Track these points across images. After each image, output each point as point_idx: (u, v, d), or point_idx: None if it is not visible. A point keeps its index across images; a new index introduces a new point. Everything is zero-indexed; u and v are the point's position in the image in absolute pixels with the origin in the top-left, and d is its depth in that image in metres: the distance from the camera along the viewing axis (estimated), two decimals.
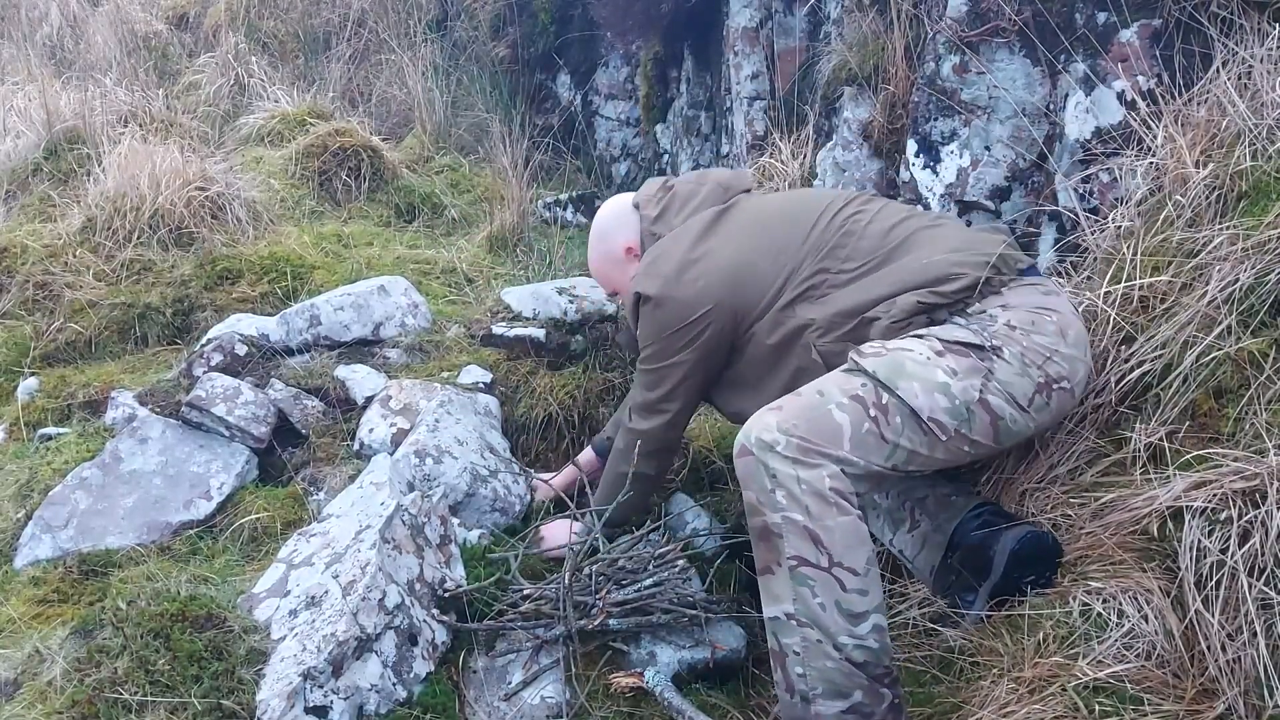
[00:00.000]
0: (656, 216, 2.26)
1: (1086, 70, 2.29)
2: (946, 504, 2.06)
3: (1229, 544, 1.61)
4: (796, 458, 1.73)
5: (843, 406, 1.78)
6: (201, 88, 5.35)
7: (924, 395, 1.77)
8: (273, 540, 2.31)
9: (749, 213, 2.19)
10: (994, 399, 1.80)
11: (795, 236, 2.08)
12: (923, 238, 2.00)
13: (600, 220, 2.39)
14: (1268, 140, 1.97)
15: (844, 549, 1.70)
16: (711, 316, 2.07)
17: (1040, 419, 1.87)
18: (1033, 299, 1.90)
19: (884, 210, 2.09)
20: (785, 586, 1.72)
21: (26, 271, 3.27)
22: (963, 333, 1.84)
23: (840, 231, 2.05)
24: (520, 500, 2.49)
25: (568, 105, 5.24)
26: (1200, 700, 1.57)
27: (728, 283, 2.08)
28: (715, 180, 2.29)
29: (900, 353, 1.82)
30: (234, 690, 1.78)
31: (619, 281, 2.36)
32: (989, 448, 1.86)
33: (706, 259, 2.11)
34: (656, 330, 2.13)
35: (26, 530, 2.35)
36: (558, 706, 1.95)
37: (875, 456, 1.77)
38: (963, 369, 1.80)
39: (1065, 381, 1.86)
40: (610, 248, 2.35)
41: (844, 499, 1.73)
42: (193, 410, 2.56)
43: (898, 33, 2.74)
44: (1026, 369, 1.82)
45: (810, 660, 1.71)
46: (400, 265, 3.49)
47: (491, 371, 2.79)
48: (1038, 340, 1.84)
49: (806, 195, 2.32)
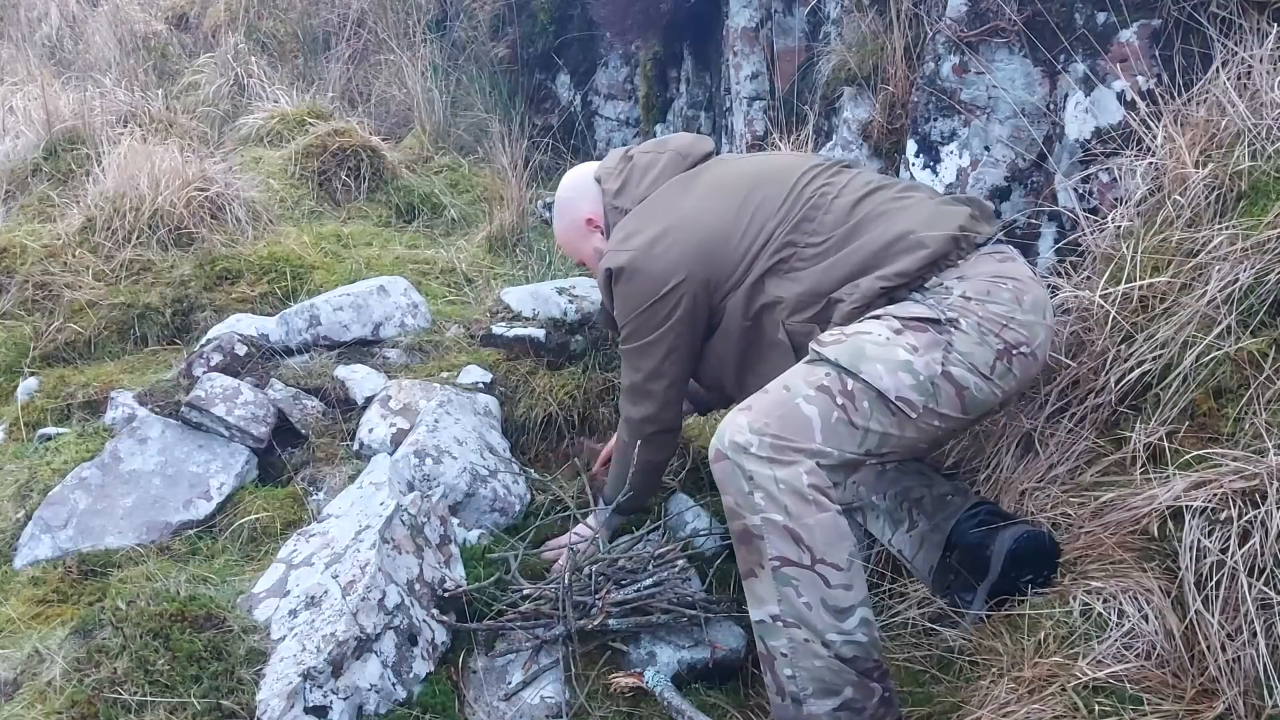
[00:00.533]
0: (618, 190, 2.25)
1: (1086, 70, 2.29)
2: (944, 504, 2.06)
3: (1229, 544, 1.61)
4: (771, 457, 1.73)
5: (810, 399, 1.78)
6: (201, 88, 5.35)
7: (888, 375, 1.77)
8: (272, 540, 2.31)
9: (717, 178, 2.17)
10: (956, 370, 1.80)
11: (769, 204, 2.05)
12: (885, 214, 1.98)
13: (562, 191, 2.38)
14: (1267, 140, 1.97)
15: (825, 545, 1.71)
16: (685, 288, 2.05)
17: (1005, 385, 1.86)
18: (988, 267, 1.90)
19: (852, 182, 2.06)
20: (769, 588, 1.72)
21: (26, 271, 3.27)
22: (919, 308, 1.84)
23: (808, 204, 2.03)
24: (520, 500, 2.49)
25: (567, 105, 5.24)
26: (1200, 700, 1.57)
27: (699, 251, 2.05)
28: (674, 148, 2.27)
29: (859, 336, 1.82)
30: (234, 690, 1.78)
31: (584, 251, 2.37)
32: (958, 419, 1.85)
33: (676, 229, 2.08)
34: (631, 306, 2.10)
35: (26, 530, 2.35)
36: (557, 706, 1.95)
37: (848, 444, 1.77)
38: (922, 344, 1.80)
39: (1024, 346, 1.85)
40: (572, 218, 2.34)
41: (822, 494, 1.73)
42: (192, 410, 2.56)
43: (897, 33, 2.74)
44: (985, 337, 1.82)
45: (799, 661, 1.71)
46: (400, 265, 3.49)
47: (491, 371, 2.79)
48: (993, 309, 1.84)
49: (775, 161, 2.28)
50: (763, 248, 2.03)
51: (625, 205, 2.22)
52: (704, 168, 2.22)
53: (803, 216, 2.02)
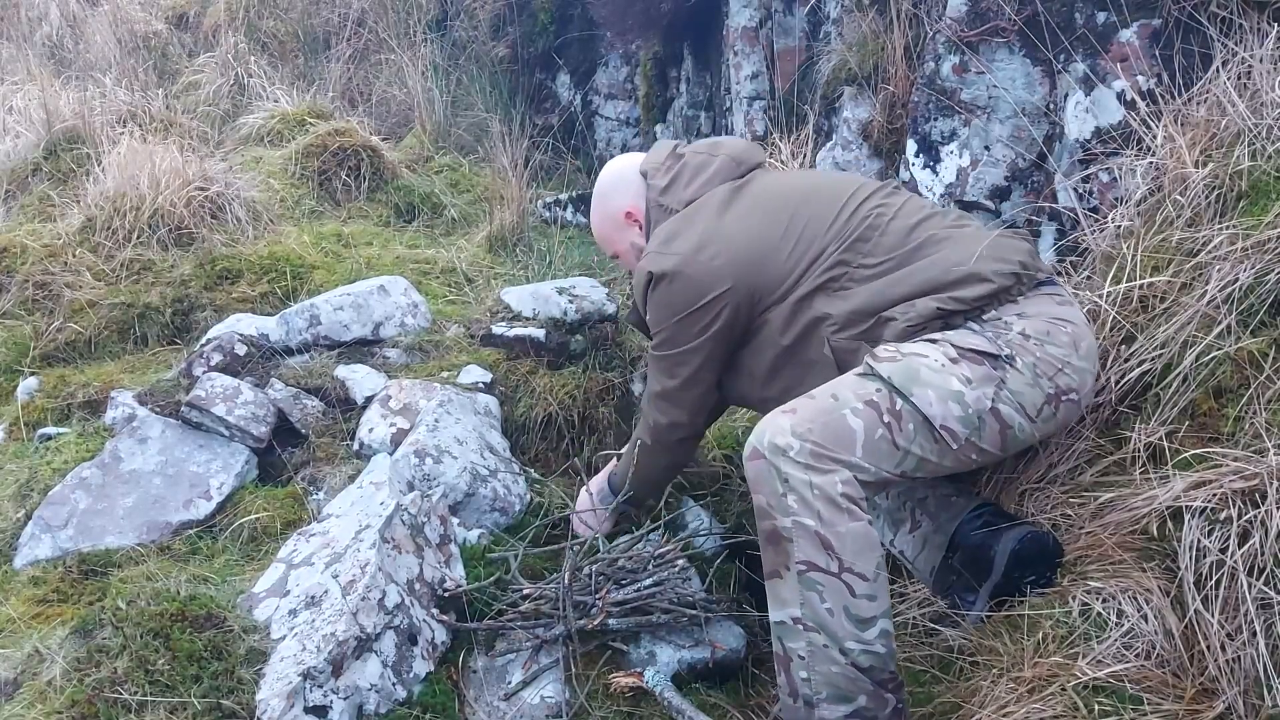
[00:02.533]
0: (665, 187, 2.18)
1: (1086, 70, 2.29)
2: (947, 504, 2.06)
3: (1229, 544, 1.61)
4: (809, 463, 1.72)
5: (857, 412, 1.76)
6: (201, 87, 5.35)
7: (938, 403, 1.76)
8: (272, 540, 2.31)
9: (769, 190, 2.12)
10: (1005, 408, 1.79)
11: (819, 221, 2.01)
12: (946, 239, 1.95)
13: (603, 180, 2.33)
14: (1267, 140, 1.97)
15: (854, 554, 1.70)
16: (728, 298, 2.00)
17: (1046, 429, 1.86)
18: (1048, 309, 1.88)
19: (907, 205, 2.03)
20: (793, 591, 1.71)
21: (26, 271, 3.27)
22: (977, 340, 1.82)
23: (864, 224, 1.98)
24: (520, 500, 2.49)
25: (567, 105, 5.24)
26: (1200, 700, 1.57)
27: (747, 262, 2.00)
28: (727, 153, 2.21)
29: (915, 358, 1.80)
30: (234, 690, 1.78)
31: (617, 243, 2.31)
32: (995, 456, 1.85)
33: (724, 237, 2.03)
34: (669, 313, 2.05)
35: (26, 530, 2.34)
36: (557, 706, 1.95)
37: (886, 463, 1.76)
38: (976, 377, 1.78)
39: (1074, 393, 1.85)
40: (610, 209, 2.29)
41: (855, 504, 1.72)
42: (192, 410, 2.56)
43: (897, 32, 2.74)
44: (1038, 379, 1.81)
45: (815, 665, 1.70)
46: (400, 265, 3.49)
47: (491, 371, 2.79)
48: (1051, 351, 1.82)
49: (830, 179, 2.25)
50: (811, 264, 1.98)
51: (671, 205, 2.16)
52: (753, 177, 2.17)
53: (858, 236, 1.97)
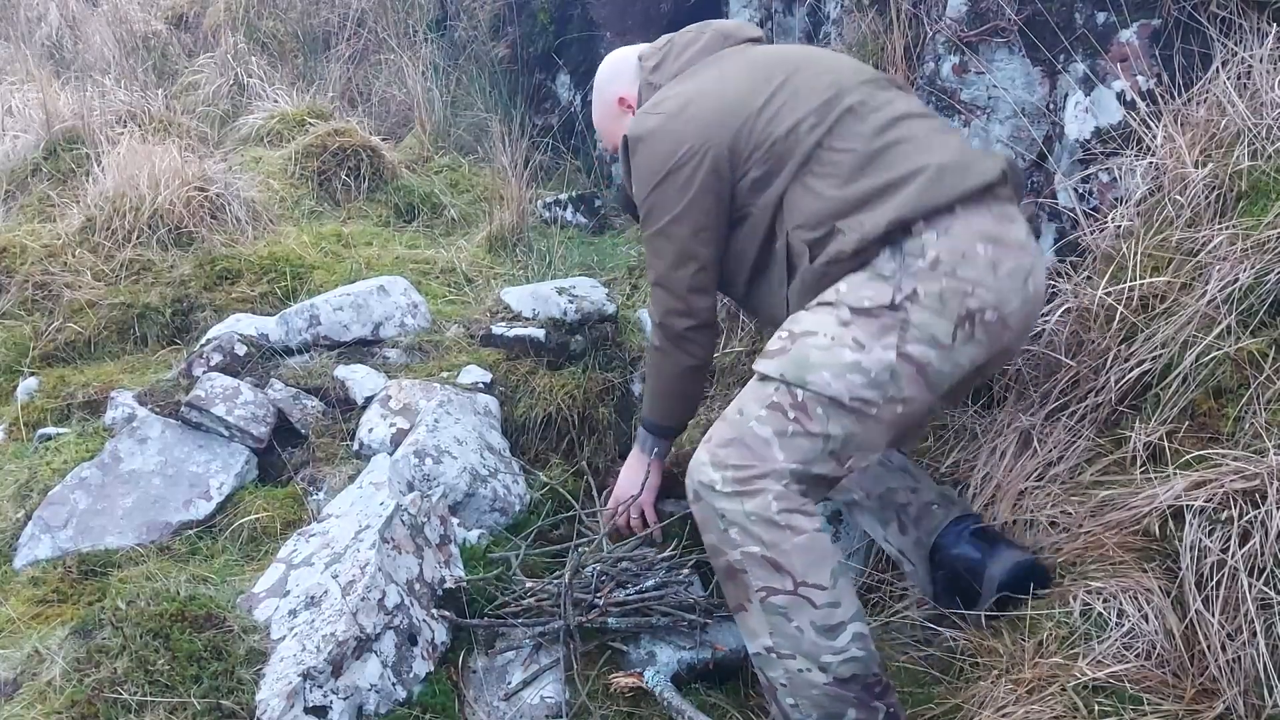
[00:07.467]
0: (655, 66, 2.13)
1: (1086, 70, 2.29)
2: (928, 513, 2.05)
3: (1229, 544, 1.62)
4: (736, 490, 1.71)
5: (762, 419, 1.75)
6: (200, 88, 5.34)
7: (836, 380, 1.73)
8: (272, 540, 2.31)
9: (756, 56, 2.05)
10: (914, 347, 1.73)
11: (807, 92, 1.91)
12: (917, 141, 1.85)
13: (602, 70, 2.29)
14: (1267, 140, 1.97)
15: (805, 567, 1.69)
16: (701, 151, 1.90)
17: (970, 352, 1.77)
18: (982, 225, 1.78)
19: (892, 104, 1.92)
20: (760, 621, 1.72)
21: (26, 271, 3.26)
22: (874, 289, 1.75)
23: (847, 110, 1.88)
24: (520, 500, 2.49)
25: (567, 105, 5.24)
26: (1200, 700, 1.57)
27: (726, 115, 1.91)
28: (716, 28, 2.15)
29: (803, 341, 1.76)
30: (234, 690, 1.78)
31: (616, 136, 2.19)
32: (926, 398, 1.78)
33: (707, 94, 1.96)
34: (647, 177, 1.97)
35: (26, 530, 2.34)
36: (557, 706, 1.95)
37: (811, 455, 1.74)
38: (870, 335, 1.73)
39: (990, 311, 1.75)
40: (606, 97, 2.26)
41: (796, 514, 1.71)
42: (192, 410, 2.56)
43: (897, 33, 2.74)
44: (945, 305, 1.74)
45: (798, 691, 1.71)
46: (400, 265, 3.49)
47: (491, 371, 2.79)
48: (964, 273, 1.74)
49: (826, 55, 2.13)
50: (789, 132, 1.88)
51: (659, 81, 2.10)
52: (745, 47, 2.10)
53: (838, 120, 1.87)
